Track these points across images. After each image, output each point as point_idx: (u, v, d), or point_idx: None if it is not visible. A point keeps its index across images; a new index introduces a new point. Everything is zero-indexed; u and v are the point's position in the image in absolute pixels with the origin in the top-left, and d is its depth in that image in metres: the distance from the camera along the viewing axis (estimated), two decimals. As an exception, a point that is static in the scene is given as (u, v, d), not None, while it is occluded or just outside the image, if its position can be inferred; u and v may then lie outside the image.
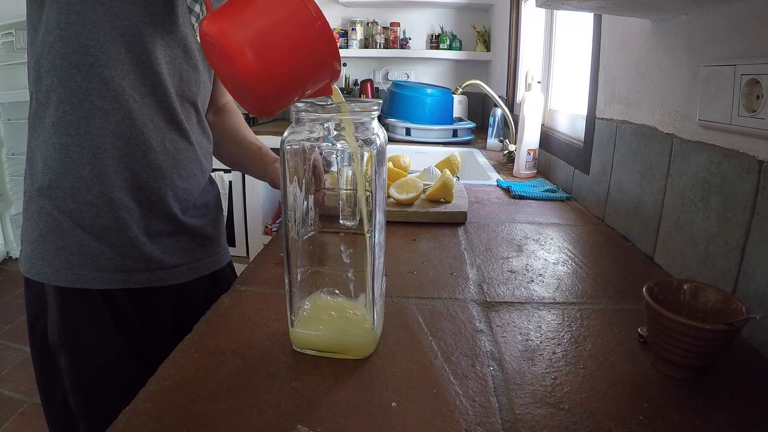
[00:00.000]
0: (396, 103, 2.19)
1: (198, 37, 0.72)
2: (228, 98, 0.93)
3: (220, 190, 2.80)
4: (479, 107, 2.74)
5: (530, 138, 1.39)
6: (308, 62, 0.44)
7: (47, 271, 0.64)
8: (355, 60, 2.89)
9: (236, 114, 0.94)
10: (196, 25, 0.71)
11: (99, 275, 0.65)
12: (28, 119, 0.67)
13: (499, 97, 1.91)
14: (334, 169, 0.49)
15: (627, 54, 0.93)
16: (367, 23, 2.85)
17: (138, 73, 0.65)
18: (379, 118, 0.61)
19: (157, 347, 0.69)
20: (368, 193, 0.47)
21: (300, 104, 0.45)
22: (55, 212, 0.64)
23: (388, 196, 0.96)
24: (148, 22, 0.63)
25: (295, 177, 0.47)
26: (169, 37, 0.67)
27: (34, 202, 0.65)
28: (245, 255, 2.54)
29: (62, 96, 0.61)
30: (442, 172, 1.02)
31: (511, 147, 1.64)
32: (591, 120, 1.10)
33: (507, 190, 1.23)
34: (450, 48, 2.78)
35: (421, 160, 1.87)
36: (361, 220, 0.49)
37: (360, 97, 2.81)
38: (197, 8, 0.70)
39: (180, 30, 0.68)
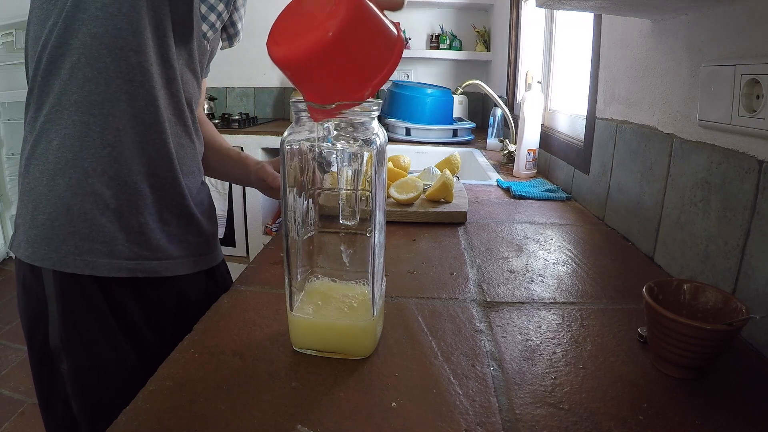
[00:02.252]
0: (396, 103, 2.19)
1: (208, 44, 0.74)
2: (200, 109, 0.94)
3: (220, 191, 2.79)
4: (479, 107, 2.75)
5: (530, 138, 1.39)
6: (367, 66, 0.43)
7: (53, 257, 0.62)
8: (355, 60, 2.89)
9: (209, 124, 0.96)
10: (209, 33, 0.73)
11: (108, 262, 0.64)
12: (32, 96, 0.64)
13: (499, 97, 1.91)
14: (334, 169, 0.49)
15: (627, 54, 0.93)
16: (367, 23, 2.85)
17: (158, 64, 0.66)
18: (379, 118, 0.61)
19: (160, 345, 0.69)
20: (368, 193, 0.47)
21: (300, 104, 0.45)
22: (67, 194, 0.62)
23: (388, 196, 0.96)
24: (169, 17, 0.65)
25: (295, 177, 0.47)
26: (178, 35, 0.68)
27: (42, 185, 0.63)
28: (245, 255, 2.54)
29: (89, 75, 0.61)
30: (442, 172, 1.02)
31: (511, 147, 1.64)
32: (591, 120, 1.10)
33: (507, 190, 1.23)
34: (450, 48, 2.78)
35: (421, 160, 1.87)
36: (362, 219, 0.49)
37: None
38: (212, 17, 0.71)
39: (191, 32, 0.70)
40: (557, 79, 1.64)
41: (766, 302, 0.52)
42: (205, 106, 2.63)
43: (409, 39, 2.83)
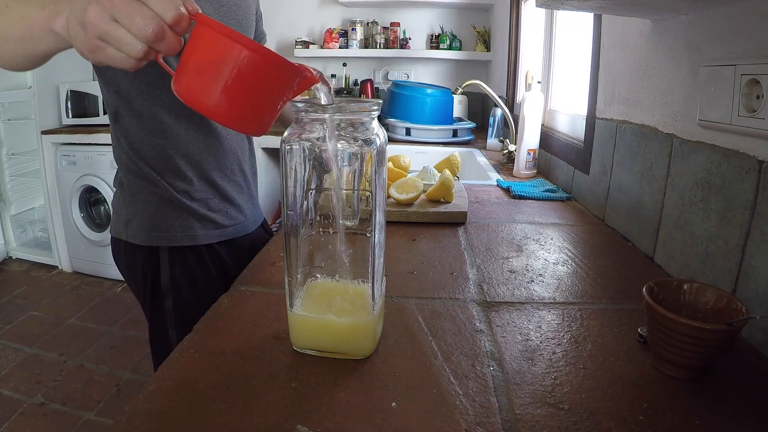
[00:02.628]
0: (396, 103, 2.19)
1: None
2: None
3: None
4: (479, 107, 2.74)
5: (530, 138, 1.39)
6: (267, 88, 0.42)
7: (165, 236, 0.83)
8: (355, 60, 2.89)
9: None
10: None
11: (204, 233, 0.86)
12: (121, 121, 0.83)
13: (499, 97, 1.91)
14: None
15: (627, 54, 0.93)
16: (367, 23, 2.85)
17: None
18: (379, 118, 0.61)
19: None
20: (368, 193, 0.47)
21: (300, 104, 0.45)
22: (166, 194, 0.83)
23: (388, 196, 0.96)
24: None
25: (295, 177, 0.47)
26: None
27: (143, 189, 0.83)
28: (245, 255, 2.54)
29: (155, 110, 0.80)
30: (442, 172, 1.02)
31: (511, 147, 1.64)
32: (591, 120, 1.10)
33: (507, 190, 1.23)
34: (450, 48, 2.78)
35: (421, 160, 1.86)
36: (362, 219, 0.49)
37: (360, 97, 2.81)
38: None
39: None
40: (557, 79, 1.64)
41: (766, 302, 0.52)
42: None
43: (410, 39, 2.83)
